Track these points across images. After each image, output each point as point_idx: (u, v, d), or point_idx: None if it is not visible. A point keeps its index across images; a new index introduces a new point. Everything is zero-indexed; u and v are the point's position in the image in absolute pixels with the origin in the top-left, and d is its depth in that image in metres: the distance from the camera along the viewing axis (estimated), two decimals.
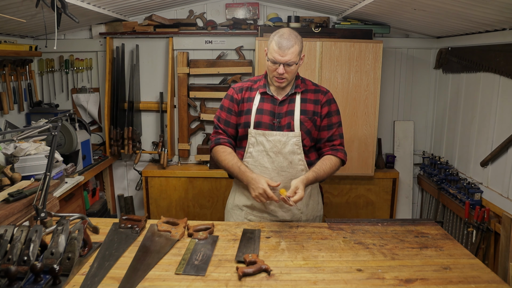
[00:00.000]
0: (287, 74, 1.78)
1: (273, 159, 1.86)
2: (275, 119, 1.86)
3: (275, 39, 1.75)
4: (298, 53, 1.76)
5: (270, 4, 3.40)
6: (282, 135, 1.84)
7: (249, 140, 1.89)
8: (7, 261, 1.27)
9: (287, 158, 1.85)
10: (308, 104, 1.89)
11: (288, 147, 1.84)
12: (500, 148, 2.45)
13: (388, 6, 2.46)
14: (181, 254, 1.47)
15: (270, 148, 1.85)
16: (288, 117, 1.86)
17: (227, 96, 1.95)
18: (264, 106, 1.88)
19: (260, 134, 1.86)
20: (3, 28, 2.80)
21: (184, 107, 3.41)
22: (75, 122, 3.16)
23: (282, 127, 1.86)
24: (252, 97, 1.91)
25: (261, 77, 1.95)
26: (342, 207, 3.37)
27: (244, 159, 1.90)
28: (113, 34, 3.35)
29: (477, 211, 2.55)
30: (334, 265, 1.42)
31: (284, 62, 1.73)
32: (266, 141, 1.85)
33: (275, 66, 1.76)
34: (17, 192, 1.79)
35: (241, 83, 1.97)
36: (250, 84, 1.95)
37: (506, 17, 2.11)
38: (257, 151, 1.87)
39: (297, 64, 1.79)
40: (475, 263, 1.44)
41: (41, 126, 1.71)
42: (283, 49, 1.72)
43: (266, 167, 1.87)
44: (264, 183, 1.68)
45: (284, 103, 1.88)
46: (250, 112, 1.89)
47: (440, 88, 3.40)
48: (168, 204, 3.39)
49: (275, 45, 1.73)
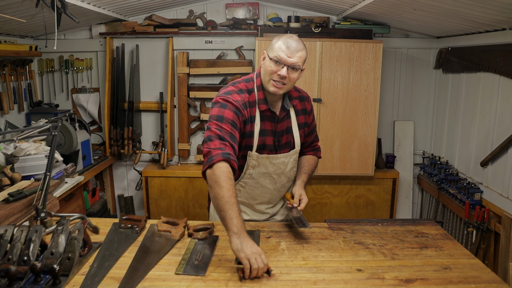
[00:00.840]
0: (289, 79, 1.58)
1: (275, 180, 1.77)
2: (276, 138, 1.72)
3: (282, 39, 1.58)
4: (303, 60, 1.60)
5: (270, 4, 3.40)
6: (285, 156, 1.74)
7: (249, 162, 1.70)
8: (7, 261, 1.27)
9: (288, 176, 1.80)
10: (300, 116, 1.78)
11: (289, 165, 1.77)
12: (500, 148, 2.45)
13: (388, 6, 2.46)
14: (181, 254, 1.47)
15: (273, 170, 1.74)
16: (287, 135, 1.74)
17: (230, 107, 1.57)
18: (266, 126, 1.68)
19: (263, 158, 1.70)
20: (3, 28, 2.80)
21: (184, 107, 3.41)
22: (75, 122, 3.16)
23: (282, 146, 1.74)
24: (254, 116, 1.66)
25: (252, 85, 1.67)
26: (342, 207, 3.37)
27: (241, 179, 1.74)
28: (113, 34, 3.35)
29: (477, 211, 2.55)
30: (334, 265, 1.42)
31: (290, 64, 1.54)
32: (270, 164, 1.72)
33: (277, 68, 1.56)
34: (17, 192, 1.78)
35: (239, 96, 1.62)
36: (247, 96, 1.64)
37: (506, 17, 2.11)
38: (258, 173, 1.73)
39: (299, 73, 1.61)
40: (475, 263, 1.44)
41: (41, 126, 1.71)
42: (292, 50, 1.54)
43: (268, 188, 1.78)
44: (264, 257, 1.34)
45: (282, 120, 1.72)
46: (252, 135, 1.66)
47: (440, 88, 3.40)
48: (168, 204, 3.39)
49: (283, 44, 1.55)
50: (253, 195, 1.80)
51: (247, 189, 1.78)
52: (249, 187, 1.77)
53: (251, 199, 1.82)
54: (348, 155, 3.14)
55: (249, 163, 1.71)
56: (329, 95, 3.04)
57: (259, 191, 1.78)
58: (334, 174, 3.21)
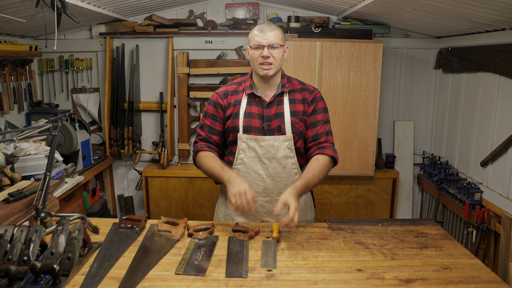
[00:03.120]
0: (273, 58, 1.70)
1: (267, 165, 1.78)
2: (264, 123, 1.78)
3: (255, 28, 1.74)
4: (281, 38, 1.72)
5: (270, 4, 3.40)
6: (275, 139, 1.76)
7: (239, 146, 1.79)
8: (7, 261, 1.27)
9: (281, 163, 1.78)
10: (297, 104, 1.80)
11: (281, 151, 1.77)
12: (500, 148, 2.45)
13: (388, 6, 2.46)
14: (181, 254, 1.47)
15: (263, 154, 1.77)
16: (277, 120, 1.77)
17: (211, 102, 1.84)
18: (252, 109, 1.78)
19: (251, 139, 1.77)
20: (3, 28, 2.80)
21: (184, 107, 3.41)
22: (75, 122, 3.16)
23: (272, 131, 1.78)
24: (239, 99, 1.81)
25: (246, 78, 1.86)
26: (342, 207, 3.37)
27: (234, 166, 1.81)
28: (113, 34, 3.35)
29: (477, 211, 2.55)
30: (334, 265, 1.41)
31: (268, 44, 1.68)
32: (259, 146, 1.77)
33: (259, 52, 1.70)
34: (17, 192, 1.78)
35: (225, 87, 1.87)
36: (235, 87, 1.85)
37: (506, 17, 2.11)
38: (249, 157, 1.79)
39: (281, 48, 1.72)
40: (475, 263, 1.44)
41: (41, 126, 1.71)
42: (265, 31, 1.69)
43: (260, 174, 1.79)
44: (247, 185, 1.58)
45: (272, 105, 1.79)
46: (238, 116, 1.78)
47: (440, 88, 3.40)
48: (168, 204, 3.39)
49: (256, 31, 1.71)
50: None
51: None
52: (242, 174, 1.79)
53: None
54: (348, 155, 3.14)
55: (239, 146, 1.80)
56: (329, 95, 3.04)
57: (252, 177, 1.80)
58: (334, 174, 3.21)
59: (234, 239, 1.58)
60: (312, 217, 1.98)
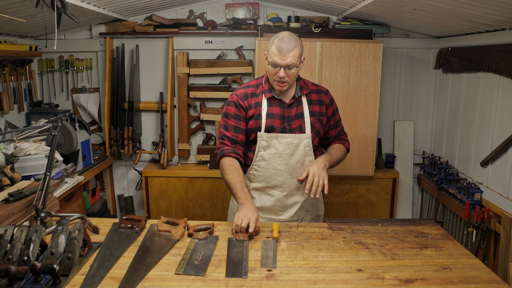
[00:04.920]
0: (288, 77, 1.78)
1: (286, 161, 1.87)
2: (285, 123, 1.88)
3: (275, 42, 1.75)
4: (298, 56, 1.77)
5: (270, 4, 3.40)
6: (294, 137, 1.87)
7: (259, 144, 1.88)
8: (7, 261, 1.27)
9: (299, 160, 1.89)
10: (314, 105, 1.92)
11: (301, 148, 1.88)
12: (500, 148, 2.45)
13: (388, 6, 2.46)
14: (181, 254, 1.47)
15: (283, 150, 1.87)
16: (298, 120, 1.89)
17: (231, 103, 1.90)
18: (273, 110, 1.88)
19: (272, 137, 1.86)
20: (3, 28, 2.80)
21: (184, 107, 3.41)
22: (75, 122, 3.16)
23: (293, 130, 1.88)
24: (259, 101, 1.89)
25: (261, 81, 1.93)
26: (342, 207, 3.37)
27: (254, 162, 1.90)
28: (113, 34, 3.35)
29: (477, 211, 2.55)
30: (334, 265, 1.42)
31: (285, 65, 1.74)
32: (279, 143, 1.86)
33: (275, 70, 1.77)
34: (17, 192, 1.78)
35: (243, 89, 1.94)
36: (253, 90, 1.92)
37: (506, 17, 2.11)
38: (269, 153, 1.88)
39: (297, 67, 1.79)
40: (475, 263, 1.44)
41: (41, 126, 1.71)
42: (283, 53, 1.72)
43: (280, 169, 1.88)
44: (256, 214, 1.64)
45: (292, 106, 1.90)
46: (260, 117, 1.87)
47: (440, 88, 3.40)
48: (168, 204, 3.39)
49: (275, 49, 1.73)
50: (266, 177, 1.90)
51: (260, 172, 1.91)
52: (261, 170, 1.90)
53: (264, 182, 1.92)
54: (348, 155, 3.11)
55: (260, 144, 1.88)
56: None
57: (271, 172, 1.89)
58: (334, 174, 3.21)
59: (234, 239, 1.58)
60: (322, 211, 2.09)
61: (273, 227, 1.65)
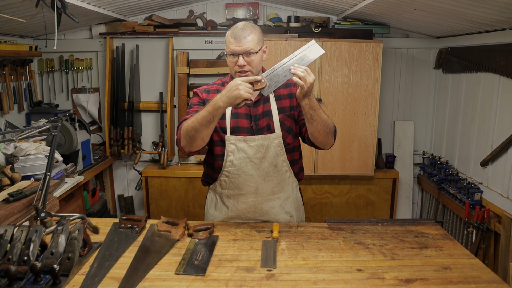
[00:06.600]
0: (249, 65, 1.64)
1: (257, 166, 1.74)
2: (252, 122, 1.74)
3: (229, 32, 1.66)
4: (256, 42, 1.63)
5: (270, 4, 3.40)
6: (264, 138, 1.72)
7: (228, 148, 1.73)
8: (7, 261, 1.27)
9: (272, 162, 1.75)
10: (284, 100, 1.77)
11: (272, 150, 1.73)
12: (500, 148, 2.45)
13: (388, 6, 2.46)
14: (181, 254, 1.47)
15: (253, 154, 1.72)
16: (266, 118, 1.74)
17: (193, 95, 1.81)
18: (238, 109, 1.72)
19: (240, 140, 1.72)
20: (3, 28, 2.80)
21: (184, 107, 3.41)
22: (75, 122, 3.16)
23: (261, 130, 1.74)
24: None
25: (227, 79, 1.80)
26: (342, 207, 3.37)
27: (223, 168, 1.76)
28: (113, 34, 3.35)
29: (477, 211, 2.55)
30: (334, 265, 1.41)
31: (243, 52, 1.61)
32: (248, 147, 1.72)
33: (235, 59, 1.63)
34: (17, 192, 1.78)
35: (206, 86, 1.83)
36: (217, 86, 1.80)
37: (506, 17, 2.11)
38: (238, 158, 1.73)
39: (257, 53, 1.65)
40: (475, 263, 1.44)
41: (41, 126, 1.71)
42: (239, 39, 1.61)
43: (251, 175, 1.74)
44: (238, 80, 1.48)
45: (258, 104, 1.75)
46: (224, 117, 1.72)
47: (440, 88, 3.40)
48: (168, 204, 3.39)
49: (231, 37, 1.63)
50: (238, 183, 1.77)
51: (231, 178, 1.77)
52: (232, 176, 1.76)
53: (236, 189, 1.78)
54: (348, 155, 3.15)
55: (228, 148, 1.73)
56: (329, 95, 3.04)
57: (243, 178, 1.75)
58: (334, 174, 3.21)
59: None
60: (303, 216, 1.97)
61: (273, 227, 1.64)
